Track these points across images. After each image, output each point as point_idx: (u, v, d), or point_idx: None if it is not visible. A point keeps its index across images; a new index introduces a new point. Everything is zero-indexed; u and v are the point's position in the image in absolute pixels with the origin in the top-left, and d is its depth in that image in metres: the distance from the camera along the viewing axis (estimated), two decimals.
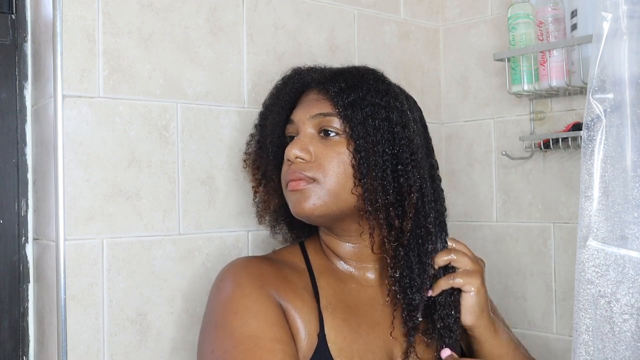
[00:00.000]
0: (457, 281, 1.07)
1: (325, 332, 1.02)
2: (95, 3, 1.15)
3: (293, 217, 1.11)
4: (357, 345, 1.04)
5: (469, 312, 1.07)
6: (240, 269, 1.05)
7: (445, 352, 1.05)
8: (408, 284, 1.05)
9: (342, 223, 1.08)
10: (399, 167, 1.04)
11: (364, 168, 1.03)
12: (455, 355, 1.06)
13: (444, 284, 1.07)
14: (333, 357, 1.00)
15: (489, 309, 1.11)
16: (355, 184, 1.03)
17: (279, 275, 1.05)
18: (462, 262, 1.08)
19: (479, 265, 1.10)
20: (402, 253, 1.05)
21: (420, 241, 1.06)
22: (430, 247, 1.07)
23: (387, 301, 1.08)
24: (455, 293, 1.08)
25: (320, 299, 1.06)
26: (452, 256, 1.09)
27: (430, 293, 1.07)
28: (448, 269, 1.09)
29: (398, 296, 1.06)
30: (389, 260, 1.05)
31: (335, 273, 1.11)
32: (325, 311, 1.04)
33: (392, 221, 1.04)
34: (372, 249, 1.06)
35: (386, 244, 1.05)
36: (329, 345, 1.01)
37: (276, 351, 0.95)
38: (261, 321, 0.98)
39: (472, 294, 1.07)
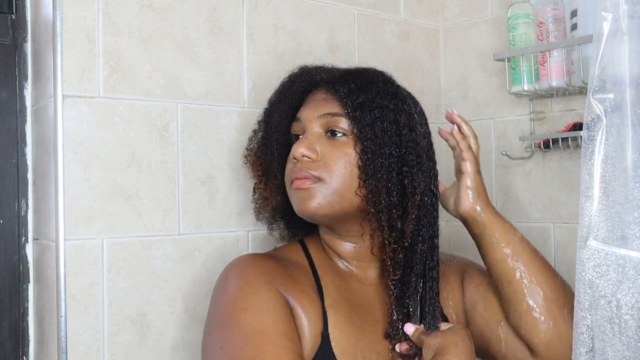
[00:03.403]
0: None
1: (329, 331, 1.02)
2: (95, 3, 1.15)
3: (292, 215, 1.11)
4: (361, 344, 1.03)
5: (465, 194, 1.11)
6: (247, 266, 1.04)
7: (409, 328, 1.04)
8: (407, 287, 1.05)
9: (345, 224, 1.08)
10: (405, 168, 1.04)
11: (369, 169, 1.02)
12: (420, 327, 1.04)
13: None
14: (336, 356, 1.00)
15: (487, 196, 1.14)
16: (360, 185, 1.03)
17: (285, 272, 1.05)
18: (462, 145, 1.15)
19: (472, 154, 1.15)
20: (401, 255, 1.05)
21: (420, 243, 1.06)
22: (423, 247, 1.07)
23: (387, 302, 1.08)
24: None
25: (325, 297, 1.05)
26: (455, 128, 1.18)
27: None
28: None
29: (398, 301, 1.06)
30: (389, 262, 1.05)
31: (337, 271, 1.10)
32: (330, 310, 1.04)
33: (394, 223, 1.04)
34: (372, 251, 1.06)
35: (386, 245, 1.05)
36: (332, 344, 1.01)
37: (286, 348, 0.95)
38: (271, 317, 0.97)
39: (468, 171, 1.12)
